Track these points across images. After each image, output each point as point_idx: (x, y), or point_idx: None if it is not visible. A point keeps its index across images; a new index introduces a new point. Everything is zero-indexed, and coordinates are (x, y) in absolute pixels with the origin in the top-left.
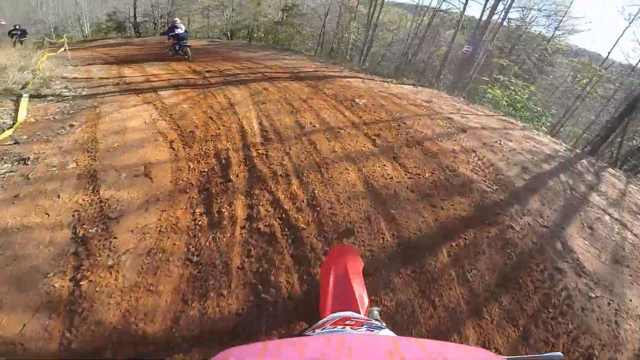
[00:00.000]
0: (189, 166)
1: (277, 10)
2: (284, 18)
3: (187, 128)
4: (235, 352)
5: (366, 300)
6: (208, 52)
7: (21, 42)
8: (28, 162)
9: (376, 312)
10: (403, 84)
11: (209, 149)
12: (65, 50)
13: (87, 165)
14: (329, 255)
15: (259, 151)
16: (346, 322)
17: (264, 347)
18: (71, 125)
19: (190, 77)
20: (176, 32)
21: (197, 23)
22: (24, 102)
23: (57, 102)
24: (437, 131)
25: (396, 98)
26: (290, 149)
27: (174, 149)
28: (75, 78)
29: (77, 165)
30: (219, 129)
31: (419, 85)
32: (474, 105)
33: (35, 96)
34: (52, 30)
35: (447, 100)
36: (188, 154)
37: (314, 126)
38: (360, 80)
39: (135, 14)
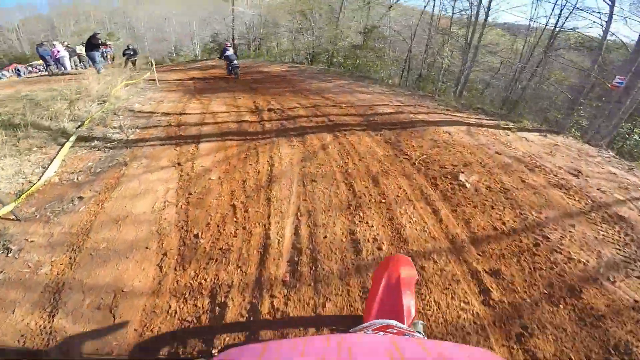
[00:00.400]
0: (169, 308)
1: (356, 33)
2: (364, 42)
3: (195, 226)
4: (236, 352)
5: (413, 313)
6: (282, 80)
7: (133, 63)
8: (9, 254)
9: (420, 325)
10: (525, 129)
11: (206, 280)
12: (151, 72)
13: (60, 273)
14: (384, 262)
15: (275, 301)
16: (388, 330)
17: (264, 347)
18: (80, 198)
19: (247, 118)
20: (226, 54)
21: (284, 46)
22: (64, 150)
23: (99, 149)
24: (609, 258)
25: (524, 167)
26: (325, 304)
27: (161, 269)
28: (141, 112)
29: (51, 271)
30: (236, 234)
31: (547, 132)
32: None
33: (84, 138)
34: (173, 49)
35: (598, 162)
36: (176, 282)
37: (379, 248)
38: (462, 127)
39: (233, 36)
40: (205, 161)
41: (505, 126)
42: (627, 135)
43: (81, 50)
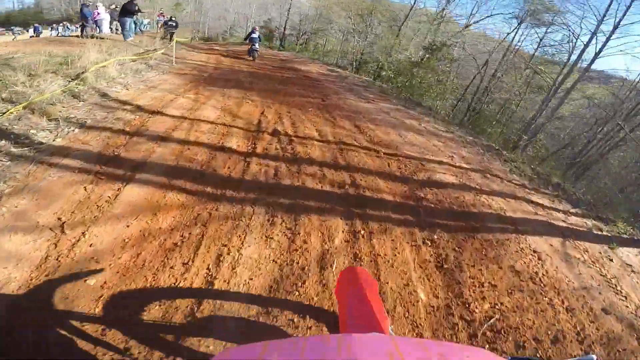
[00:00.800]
0: None
1: (417, 48)
2: (425, 59)
3: None
4: (235, 353)
5: (388, 320)
6: (314, 86)
7: (171, 36)
8: None
9: (391, 330)
10: (624, 239)
11: None
12: (166, 50)
13: None
14: (342, 277)
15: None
16: None
17: (264, 347)
18: None
19: (232, 144)
20: (251, 37)
21: (331, 45)
22: None
23: None
24: None
25: None
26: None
27: None
28: (113, 100)
29: None
30: None
31: None
32: None
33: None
34: (228, 28)
35: None
36: None
37: None
38: (553, 240)
39: (285, 25)
40: (106, 236)
41: (599, 231)
42: None
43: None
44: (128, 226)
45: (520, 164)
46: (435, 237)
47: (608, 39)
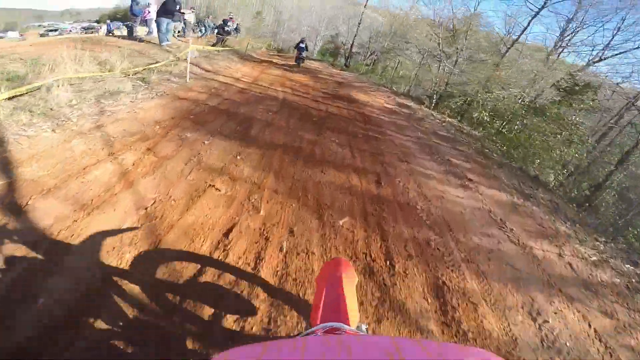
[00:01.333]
0: None
1: (532, 85)
2: (552, 103)
3: None
4: (235, 353)
5: (357, 315)
6: (368, 136)
7: (222, 42)
8: None
9: (364, 328)
10: None
11: None
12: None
13: None
14: (326, 267)
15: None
16: (336, 332)
17: (264, 347)
18: None
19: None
20: (299, 46)
21: (405, 69)
22: None
23: None
24: None
25: None
26: None
27: None
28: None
29: None
30: None
31: None
32: None
33: None
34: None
35: None
36: None
37: None
38: None
39: (353, 42)
40: None
41: None
42: None
43: (190, 16)
44: None
45: None
46: None
47: None
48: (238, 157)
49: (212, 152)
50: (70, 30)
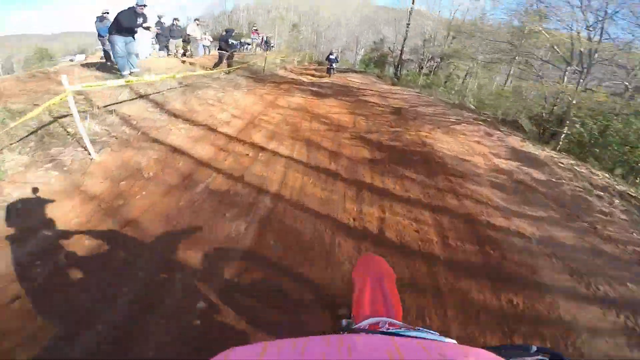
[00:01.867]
0: None
1: None
2: None
3: None
4: (235, 353)
5: (401, 311)
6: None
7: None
8: None
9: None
10: None
11: None
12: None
13: None
14: (363, 262)
15: None
16: (379, 328)
17: (264, 347)
18: None
19: None
20: (330, 57)
21: (474, 79)
22: None
23: None
24: None
25: None
26: None
27: None
28: None
29: None
30: None
31: None
32: None
33: None
34: (339, 51)
35: None
36: None
37: None
38: None
39: (402, 48)
40: None
41: None
42: None
43: (194, 31)
44: None
45: None
46: None
47: None
48: None
49: None
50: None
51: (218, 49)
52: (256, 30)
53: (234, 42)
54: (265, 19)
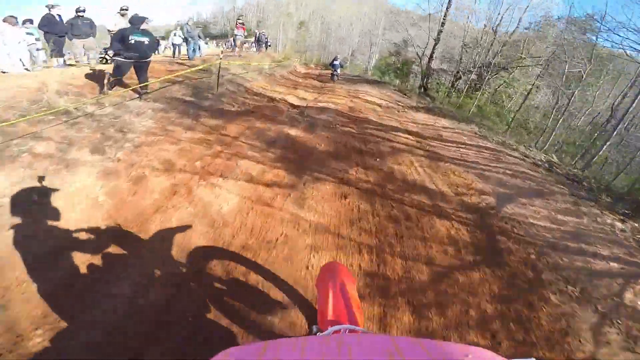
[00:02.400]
0: None
1: None
2: None
3: None
4: (236, 352)
5: (362, 317)
6: None
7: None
8: None
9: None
10: None
11: None
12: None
13: None
14: (325, 270)
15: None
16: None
17: (264, 347)
18: None
19: None
20: (333, 63)
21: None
22: None
23: None
24: None
25: None
26: None
27: None
28: None
29: None
30: None
31: None
32: None
33: None
34: (350, 53)
35: None
36: None
37: None
38: None
39: (432, 54)
40: None
41: None
42: None
43: (115, 25)
44: None
45: None
46: None
47: None
48: None
49: None
50: None
51: (113, 56)
52: (242, 24)
53: (145, 40)
54: (276, 15)
